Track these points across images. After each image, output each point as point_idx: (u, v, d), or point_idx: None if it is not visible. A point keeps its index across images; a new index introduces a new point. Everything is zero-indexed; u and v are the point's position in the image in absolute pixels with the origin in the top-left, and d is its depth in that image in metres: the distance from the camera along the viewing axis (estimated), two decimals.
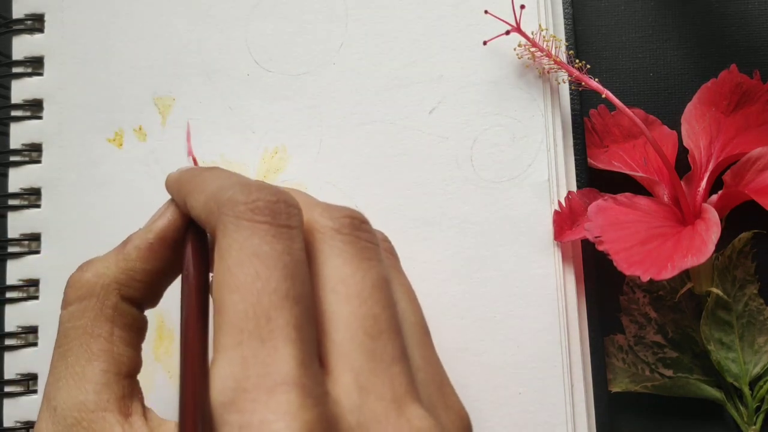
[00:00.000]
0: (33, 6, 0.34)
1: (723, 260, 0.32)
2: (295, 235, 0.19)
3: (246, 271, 0.18)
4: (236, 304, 0.18)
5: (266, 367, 0.17)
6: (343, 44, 0.33)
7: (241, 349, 0.17)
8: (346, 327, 0.19)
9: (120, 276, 0.22)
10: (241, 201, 0.19)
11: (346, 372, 0.19)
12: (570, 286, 0.31)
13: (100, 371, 0.21)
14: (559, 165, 0.32)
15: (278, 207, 0.20)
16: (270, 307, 0.18)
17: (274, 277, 0.18)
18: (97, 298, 0.22)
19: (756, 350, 0.32)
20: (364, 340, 0.19)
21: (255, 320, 0.18)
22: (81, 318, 0.22)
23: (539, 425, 0.30)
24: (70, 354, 0.21)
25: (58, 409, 0.20)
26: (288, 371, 0.17)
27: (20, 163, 0.33)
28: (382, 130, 0.33)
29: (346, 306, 0.19)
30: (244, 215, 0.19)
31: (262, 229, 0.19)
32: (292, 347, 0.17)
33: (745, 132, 0.32)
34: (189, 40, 0.34)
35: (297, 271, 0.19)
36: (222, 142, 0.33)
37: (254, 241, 0.19)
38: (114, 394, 0.21)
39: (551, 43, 0.31)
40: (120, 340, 0.22)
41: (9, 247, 0.33)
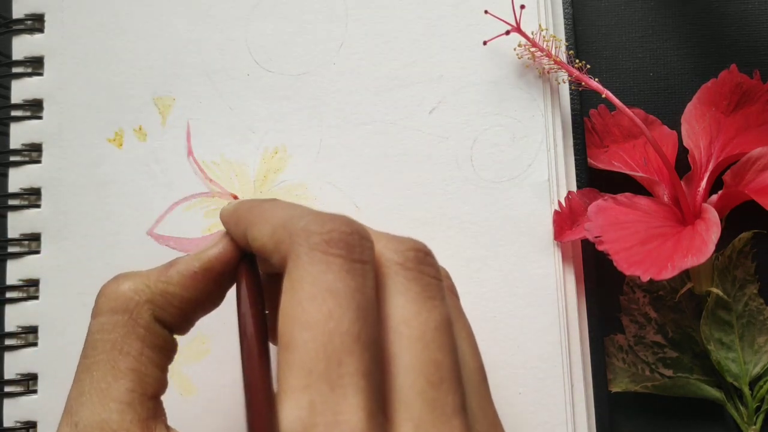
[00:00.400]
0: (33, 6, 0.34)
1: (723, 260, 0.32)
2: (368, 271, 0.19)
3: (319, 308, 0.17)
4: (307, 342, 0.17)
5: (335, 416, 0.16)
6: (343, 44, 0.33)
7: (309, 392, 0.17)
8: (408, 373, 0.18)
9: (157, 297, 0.22)
10: (315, 231, 0.19)
11: (406, 422, 0.18)
12: (570, 286, 0.31)
13: (126, 390, 0.21)
14: (559, 165, 0.32)
15: (353, 240, 0.19)
16: (342, 350, 0.17)
17: (347, 318, 0.18)
18: (130, 314, 0.22)
19: (756, 350, 0.32)
20: (425, 388, 0.18)
21: (326, 363, 0.17)
22: (111, 332, 0.21)
23: (539, 425, 0.30)
24: (96, 368, 0.21)
25: (79, 425, 0.20)
26: (356, 423, 0.16)
27: (20, 163, 0.33)
28: (382, 130, 0.33)
29: (408, 350, 0.19)
30: (319, 247, 0.18)
31: (336, 263, 0.18)
32: (360, 397, 0.17)
33: (745, 132, 0.32)
34: (189, 40, 0.34)
35: (369, 312, 0.18)
36: (222, 142, 0.33)
37: (329, 276, 0.18)
38: (138, 415, 0.20)
39: (551, 43, 0.31)
40: (148, 361, 0.21)
41: (9, 247, 0.33)
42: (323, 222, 0.19)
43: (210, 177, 0.33)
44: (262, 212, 0.21)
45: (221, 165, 0.33)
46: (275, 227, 0.20)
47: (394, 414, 0.18)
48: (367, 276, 0.19)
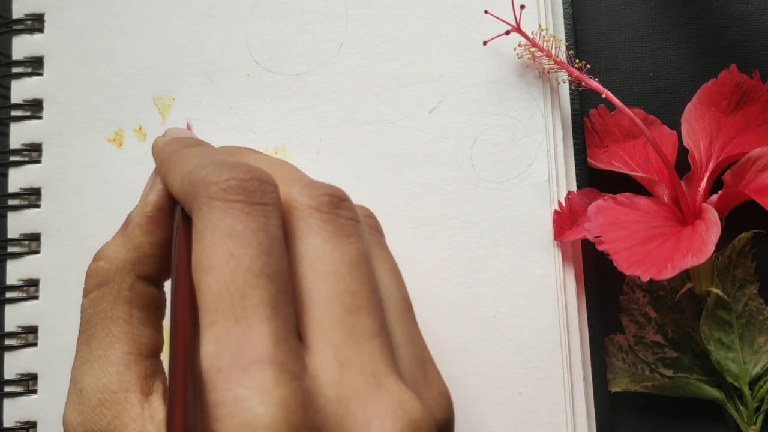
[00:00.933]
0: (33, 6, 0.34)
1: (723, 260, 0.32)
2: (270, 212, 0.19)
3: (219, 251, 0.18)
4: (210, 284, 0.18)
5: (240, 345, 0.17)
6: (343, 44, 0.33)
7: (215, 328, 0.17)
8: (325, 303, 0.19)
9: (131, 255, 0.23)
10: (213, 181, 0.19)
11: (325, 347, 0.19)
12: (570, 286, 0.31)
13: (122, 353, 0.21)
14: (559, 165, 0.32)
15: (252, 185, 0.19)
16: (244, 285, 0.18)
17: (248, 255, 0.18)
18: (113, 282, 0.22)
19: (756, 350, 0.32)
20: (342, 315, 0.19)
21: (229, 299, 0.18)
22: (100, 303, 0.22)
23: (539, 425, 0.30)
24: (93, 339, 0.22)
25: (83, 391, 0.21)
26: (262, 348, 0.17)
27: (20, 163, 0.33)
28: (382, 130, 0.33)
29: (324, 283, 0.19)
30: (217, 195, 0.19)
31: (235, 208, 0.19)
32: (267, 324, 0.17)
33: (745, 132, 0.32)
34: (189, 40, 0.34)
35: (272, 248, 0.19)
36: (222, 142, 0.33)
37: (227, 221, 0.19)
38: (135, 374, 0.21)
39: (551, 43, 0.31)
40: (139, 321, 0.22)
41: (9, 247, 0.33)
42: (221, 171, 0.19)
43: None
44: (177, 160, 0.22)
45: None
46: (182, 178, 0.21)
47: (313, 341, 0.19)
48: (270, 216, 0.19)
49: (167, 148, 0.24)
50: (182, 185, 0.21)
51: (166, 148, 0.24)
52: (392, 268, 0.23)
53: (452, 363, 0.31)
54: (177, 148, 0.23)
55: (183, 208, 0.22)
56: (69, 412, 0.21)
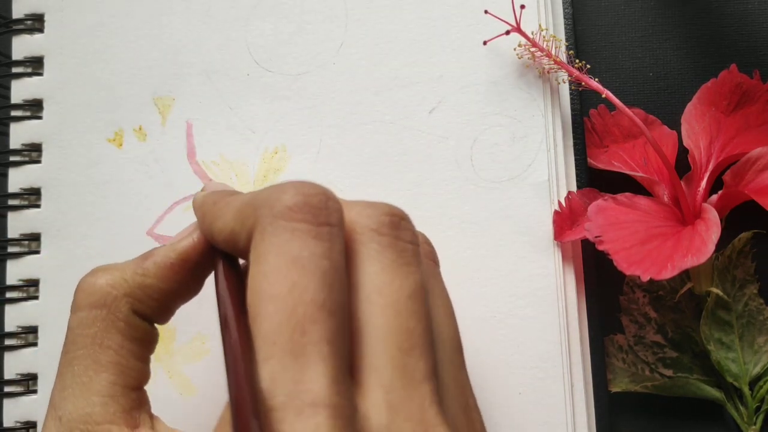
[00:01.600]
0: (33, 6, 0.34)
1: (723, 260, 0.32)
2: (335, 235, 0.19)
3: (283, 279, 0.17)
4: (271, 315, 0.17)
5: (296, 385, 0.16)
6: (343, 44, 0.33)
7: (271, 363, 0.17)
8: (379, 340, 0.18)
9: (135, 290, 0.22)
10: (277, 198, 0.18)
11: (376, 387, 0.18)
12: (570, 286, 0.31)
13: (108, 383, 0.21)
14: (559, 165, 0.32)
15: (317, 201, 0.19)
16: (305, 319, 0.17)
17: (311, 286, 0.17)
18: (108, 308, 0.21)
19: (756, 350, 0.32)
20: (396, 354, 0.18)
21: (289, 333, 0.17)
22: (91, 326, 0.21)
23: (539, 425, 0.30)
24: (77, 362, 0.21)
25: (63, 419, 0.20)
26: (318, 390, 0.16)
27: (20, 163, 0.33)
28: (382, 130, 0.33)
29: (380, 317, 0.19)
30: (282, 214, 0.18)
31: (301, 229, 0.18)
32: (324, 364, 0.17)
33: (745, 132, 0.32)
34: (189, 40, 0.34)
35: (335, 278, 0.18)
36: (222, 142, 0.33)
37: (293, 244, 0.18)
38: (121, 406, 0.20)
39: (551, 43, 0.31)
40: (129, 353, 0.21)
41: (9, 247, 0.33)
42: (284, 189, 0.19)
43: (210, 177, 0.33)
44: (226, 204, 0.21)
45: (221, 165, 0.33)
46: (239, 209, 0.20)
47: (364, 379, 0.18)
48: (334, 240, 0.18)
49: (209, 199, 0.23)
50: (240, 214, 0.20)
51: (206, 199, 0.23)
52: (446, 303, 0.22)
53: None
54: (222, 196, 0.22)
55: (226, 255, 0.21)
56: None
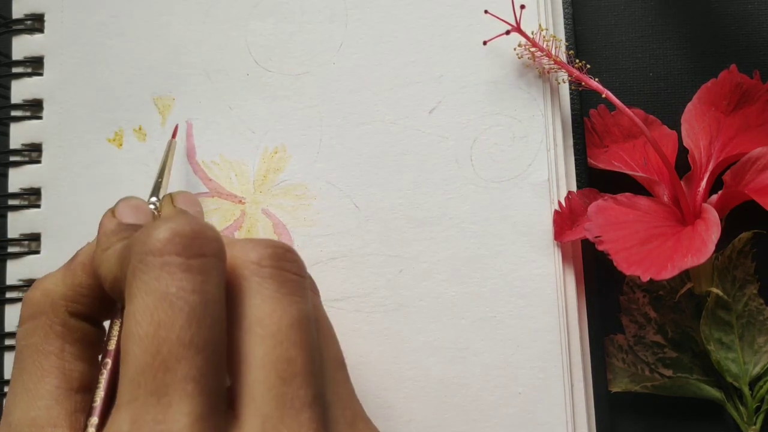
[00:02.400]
0: (33, 6, 0.34)
1: (723, 260, 0.32)
2: (210, 267, 0.18)
3: (149, 318, 0.17)
4: (137, 356, 0.17)
5: (158, 425, 0.16)
6: (343, 44, 0.33)
7: (133, 406, 0.17)
8: (258, 369, 0.18)
9: (67, 292, 0.22)
10: (148, 234, 0.18)
11: (253, 417, 0.18)
12: (570, 286, 0.31)
13: (52, 387, 0.21)
14: (559, 165, 0.32)
15: (190, 232, 0.18)
16: (170, 358, 0.17)
17: (177, 324, 0.17)
18: (46, 315, 0.22)
19: (756, 350, 0.32)
20: (275, 383, 0.18)
21: (152, 374, 0.17)
22: (33, 336, 0.22)
23: (539, 425, 0.30)
24: (24, 371, 0.21)
25: (12, 425, 0.21)
26: (180, 429, 0.16)
27: (20, 163, 0.33)
28: (382, 130, 0.33)
29: (260, 347, 0.19)
30: (152, 250, 0.18)
31: (170, 262, 0.18)
32: (188, 402, 0.17)
33: (745, 132, 0.32)
34: (189, 40, 0.34)
35: (206, 314, 0.18)
36: (222, 142, 0.33)
37: (162, 280, 0.18)
38: (64, 409, 0.21)
39: (551, 43, 0.31)
40: (71, 356, 0.22)
41: (9, 247, 0.33)
42: (157, 225, 0.19)
43: (210, 177, 0.33)
44: (113, 251, 0.21)
45: (221, 165, 0.33)
46: (120, 253, 0.20)
47: (243, 410, 0.18)
48: (208, 272, 0.18)
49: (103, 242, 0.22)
50: (120, 255, 0.20)
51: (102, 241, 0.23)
52: (328, 326, 0.22)
53: (452, 363, 0.31)
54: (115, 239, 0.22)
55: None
56: None
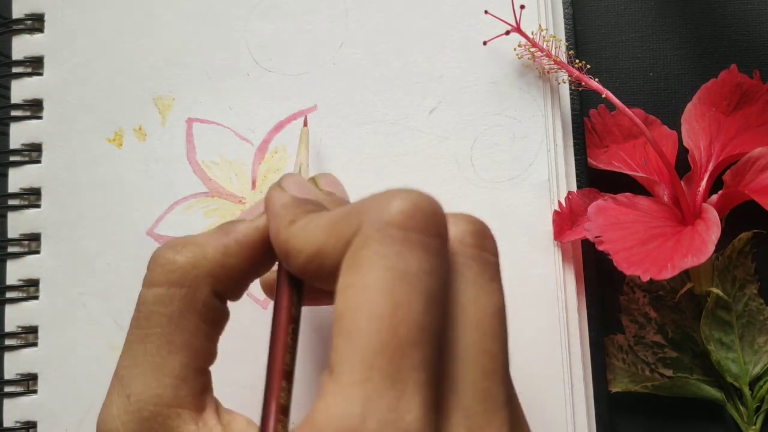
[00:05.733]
0: (33, 6, 0.34)
1: (723, 260, 0.32)
2: (443, 250, 0.17)
3: (388, 296, 0.16)
4: (371, 335, 0.16)
5: (391, 413, 0.15)
6: (343, 44, 0.33)
7: (366, 387, 0.16)
8: (463, 361, 0.17)
9: (217, 270, 0.21)
10: (387, 203, 0.17)
11: (458, 410, 0.17)
12: (570, 286, 0.31)
13: (181, 365, 0.20)
14: (559, 165, 0.32)
15: (431, 209, 0.17)
16: (407, 342, 0.16)
17: (416, 307, 0.16)
18: (188, 288, 0.20)
19: (756, 350, 0.32)
20: (479, 378, 0.17)
21: (389, 357, 0.16)
22: (168, 305, 0.20)
23: (539, 425, 0.30)
24: (150, 340, 0.20)
25: (132, 398, 0.19)
26: (411, 421, 0.16)
27: (20, 163, 0.33)
28: (382, 130, 0.33)
29: (464, 337, 0.18)
30: (395, 221, 0.17)
31: (413, 240, 0.17)
32: (420, 393, 0.16)
33: (745, 132, 0.32)
34: (189, 40, 0.34)
35: (439, 298, 0.17)
36: (222, 142, 0.33)
37: (404, 258, 0.16)
38: (192, 389, 0.20)
39: (551, 43, 0.31)
40: (203, 335, 0.21)
41: (9, 247, 0.33)
42: (394, 194, 0.17)
43: (210, 177, 0.33)
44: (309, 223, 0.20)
45: (221, 165, 0.33)
46: (333, 222, 0.18)
47: (447, 401, 0.17)
48: (442, 255, 0.17)
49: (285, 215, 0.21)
50: (336, 224, 0.18)
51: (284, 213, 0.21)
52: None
53: None
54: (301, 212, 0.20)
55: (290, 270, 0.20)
56: (113, 416, 0.19)
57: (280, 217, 0.20)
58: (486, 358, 0.18)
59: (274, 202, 0.21)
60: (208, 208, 0.32)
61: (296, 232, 0.20)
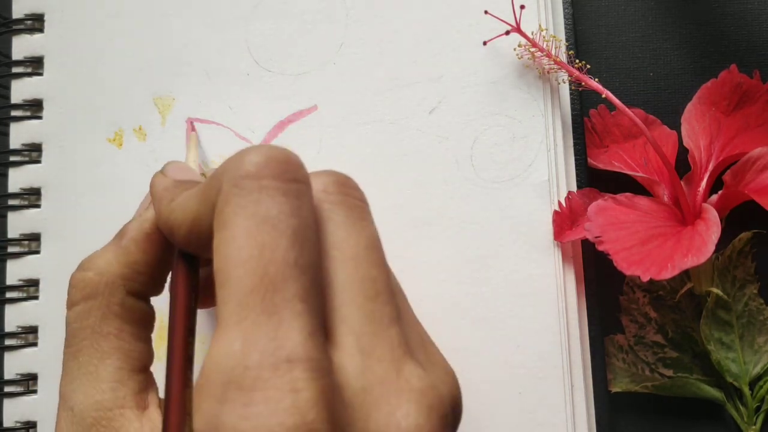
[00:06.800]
0: (33, 6, 0.34)
1: (723, 260, 0.32)
2: (303, 192, 0.18)
3: (253, 241, 0.17)
4: (241, 278, 0.17)
5: (270, 342, 0.16)
6: (343, 44, 0.33)
7: (244, 325, 0.17)
8: (344, 291, 0.19)
9: (124, 271, 0.22)
10: (240, 160, 0.18)
11: (347, 336, 0.18)
12: (570, 286, 0.31)
13: (114, 369, 0.21)
14: (559, 165, 0.32)
15: (284, 158, 0.18)
16: (277, 278, 0.17)
17: (282, 245, 0.17)
18: (102, 296, 0.22)
19: (756, 350, 0.32)
20: (362, 302, 0.19)
21: (261, 294, 0.17)
22: (88, 317, 0.21)
23: (539, 425, 0.30)
24: (81, 354, 0.21)
25: (75, 409, 0.20)
26: (293, 346, 0.16)
27: (20, 163, 0.33)
28: (382, 130, 0.33)
29: (342, 270, 0.19)
30: (249, 173, 0.18)
31: (269, 186, 0.18)
32: (299, 320, 0.17)
33: (745, 132, 0.32)
34: (189, 40, 0.34)
35: (306, 236, 0.18)
36: (222, 142, 0.33)
37: (262, 203, 0.17)
38: (130, 389, 0.21)
39: (551, 43, 0.31)
40: (130, 336, 0.22)
41: (9, 247, 0.33)
42: (247, 151, 0.18)
43: None
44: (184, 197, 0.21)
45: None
46: (201, 190, 0.19)
47: (335, 330, 0.18)
48: (302, 197, 0.18)
49: (165, 195, 0.22)
50: (203, 191, 0.19)
51: (164, 194, 0.22)
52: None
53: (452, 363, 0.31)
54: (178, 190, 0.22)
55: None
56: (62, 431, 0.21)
57: (161, 199, 0.22)
58: (367, 284, 0.19)
59: (157, 186, 0.23)
60: None
61: (174, 208, 0.21)
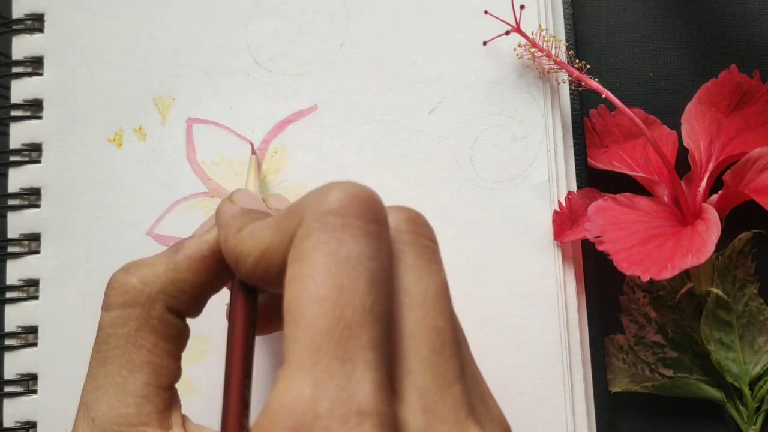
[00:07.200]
0: (33, 6, 0.34)
1: (723, 260, 0.32)
2: (383, 235, 0.18)
3: (332, 280, 0.17)
4: (317, 318, 0.16)
5: (341, 392, 0.16)
6: (343, 44, 0.33)
7: (316, 369, 0.16)
8: (410, 339, 0.18)
9: (168, 287, 0.21)
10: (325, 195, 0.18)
11: (411, 389, 0.18)
12: (570, 286, 0.31)
13: (142, 384, 0.20)
14: (559, 165, 0.32)
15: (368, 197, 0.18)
16: (353, 323, 0.16)
17: (360, 289, 0.17)
18: (142, 307, 0.21)
19: (756, 350, 0.32)
20: (428, 354, 0.18)
21: (337, 338, 0.16)
22: (124, 326, 0.21)
23: (539, 425, 0.30)
24: (110, 362, 0.21)
25: (96, 420, 0.20)
26: (364, 398, 0.16)
27: (20, 163, 0.33)
28: (382, 130, 0.33)
29: (410, 317, 0.18)
30: (333, 210, 0.17)
31: (352, 225, 0.17)
32: (370, 370, 0.16)
33: (745, 132, 0.32)
34: (189, 40, 0.34)
35: (382, 280, 0.17)
36: (222, 142, 0.33)
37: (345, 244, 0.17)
38: (155, 407, 0.20)
39: (551, 43, 0.31)
40: (163, 351, 0.21)
41: (9, 247, 0.33)
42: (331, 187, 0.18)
43: (210, 177, 0.33)
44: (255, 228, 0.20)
45: (221, 165, 0.33)
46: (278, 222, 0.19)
47: (399, 382, 0.18)
48: (382, 240, 0.18)
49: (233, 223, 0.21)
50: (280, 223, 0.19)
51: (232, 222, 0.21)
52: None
53: None
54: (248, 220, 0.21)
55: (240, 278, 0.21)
56: None
57: (229, 226, 0.21)
58: (433, 335, 0.18)
59: (224, 213, 0.22)
60: (208, 208, 0.33)
61: (243, 237, 0.20)
